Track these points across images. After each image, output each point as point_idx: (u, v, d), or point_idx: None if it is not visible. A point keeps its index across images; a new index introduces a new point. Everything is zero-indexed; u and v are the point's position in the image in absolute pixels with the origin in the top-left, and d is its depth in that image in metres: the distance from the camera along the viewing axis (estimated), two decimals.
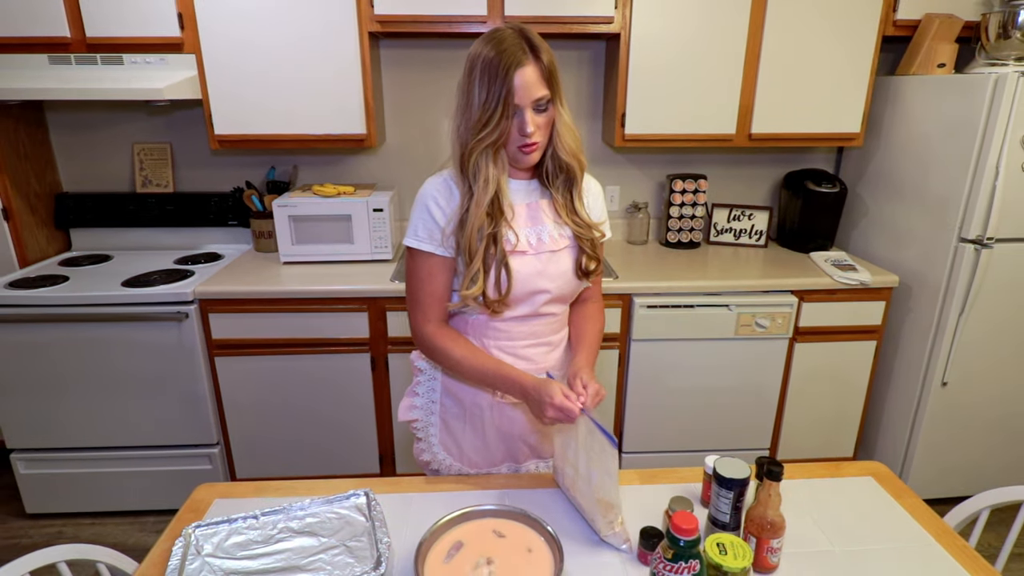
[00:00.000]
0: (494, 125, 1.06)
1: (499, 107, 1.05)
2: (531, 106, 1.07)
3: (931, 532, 1.12)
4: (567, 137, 1.15)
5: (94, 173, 2.59)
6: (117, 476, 2.28)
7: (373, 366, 2.24)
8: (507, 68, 1.03)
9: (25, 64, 2.11)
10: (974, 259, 2.06)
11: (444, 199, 1.16)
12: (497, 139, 1.08)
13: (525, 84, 1.05)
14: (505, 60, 1.04)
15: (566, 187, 1.20)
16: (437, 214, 1.15)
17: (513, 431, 1.29)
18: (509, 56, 1.04)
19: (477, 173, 1.11)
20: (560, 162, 1.17)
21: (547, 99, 1.09)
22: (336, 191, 2.35)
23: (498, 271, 1.13)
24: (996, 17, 2.12)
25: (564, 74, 2.53)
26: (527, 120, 1.07)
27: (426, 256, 1.17)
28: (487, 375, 1.16)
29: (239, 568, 0.99)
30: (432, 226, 1.16)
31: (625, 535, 1.06)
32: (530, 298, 1.18)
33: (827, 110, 2.33)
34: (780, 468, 0.97)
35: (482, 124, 1.07)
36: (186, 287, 2.11)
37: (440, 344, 1.19)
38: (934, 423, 2.27)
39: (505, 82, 1.04)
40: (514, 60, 1.04)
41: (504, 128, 1.07)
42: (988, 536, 2.16)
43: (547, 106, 1.10)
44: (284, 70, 2.18)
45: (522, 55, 1.05)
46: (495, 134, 1.07)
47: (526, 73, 1.05)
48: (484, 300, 1.14)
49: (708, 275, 2.28)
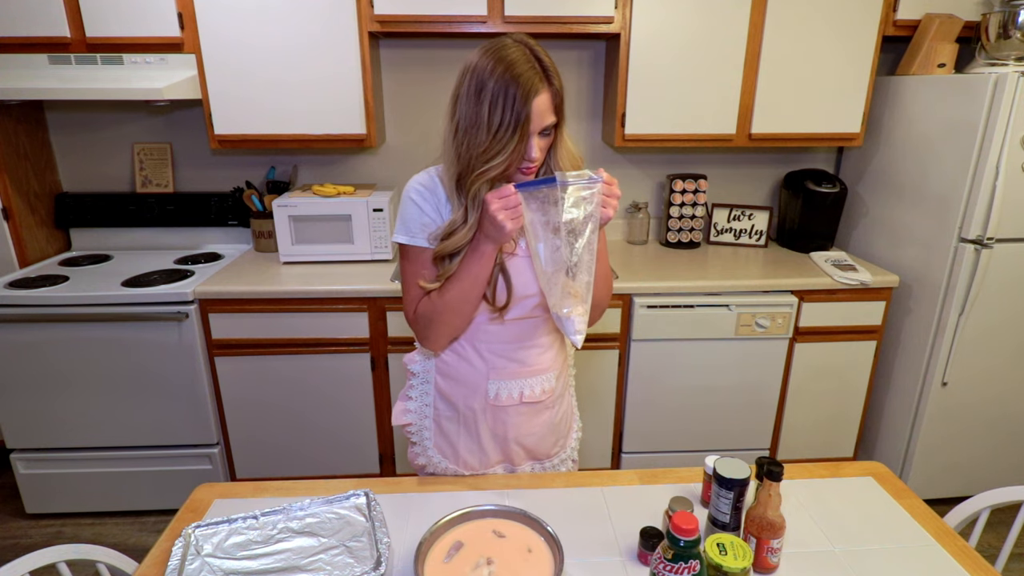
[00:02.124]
0: (507, 155, 1.02)
1: (515, 137, 1.02)
2: (538, 132, 1.05)
3: (931, 532, 1.12)
4: (565, 159, 1.13)
5: (94, 173, 2.59)
6: (117, 476, 2.28)
7: (373, 366, 2.24)
8: (526, 97, 0.99)
9: (25, 64, 2.11)
10: (974, 259, 2.06)
11: (429, 192, 1.15)
12: (506, 169, 1.06)
13: (539, 112, 1.02)
14: (524, 88, 0.99)
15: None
16: (424, 206, 1.15)
17: (507, 434, 1.27)
18: (527, 83, 0.99)
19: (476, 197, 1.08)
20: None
21: (552, 126, 1.07)
22: (336, 191, 2.35)
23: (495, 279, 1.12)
24: (996, 17, 2.12)
25: (564, 74, 2.52)
26: (532, 146, 1.05)
27: (415, 250, 1.17)
28: (464, 272, 1.10)
29: (239, 568, 0.99)
30: (418, 220, 1.15)
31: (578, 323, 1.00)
32: (520, 302, 1.17)
33: (827, 110, 2.33)
34: (780, 468, 0.97)
35: (493, 153, 1.03)
36: (186, 287, 2.11)
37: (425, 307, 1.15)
38: (934, 423, 2.27)
39: (524, 110, 0.99)
40: (532, 89, 1.00)
41: (515, 158, 1.04)
42: (988, 536, 2.16)
43: (551, 132, 1.08)
44: (284, 70, 2.18)
45: (539, 83, 1.01)
46: (504, 164, 1.04)
47: (541, 102, 1.02)
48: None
49: (708, 275, 2.28)
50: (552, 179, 0.99)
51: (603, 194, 1.05)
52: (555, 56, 1.11)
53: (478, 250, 1.08)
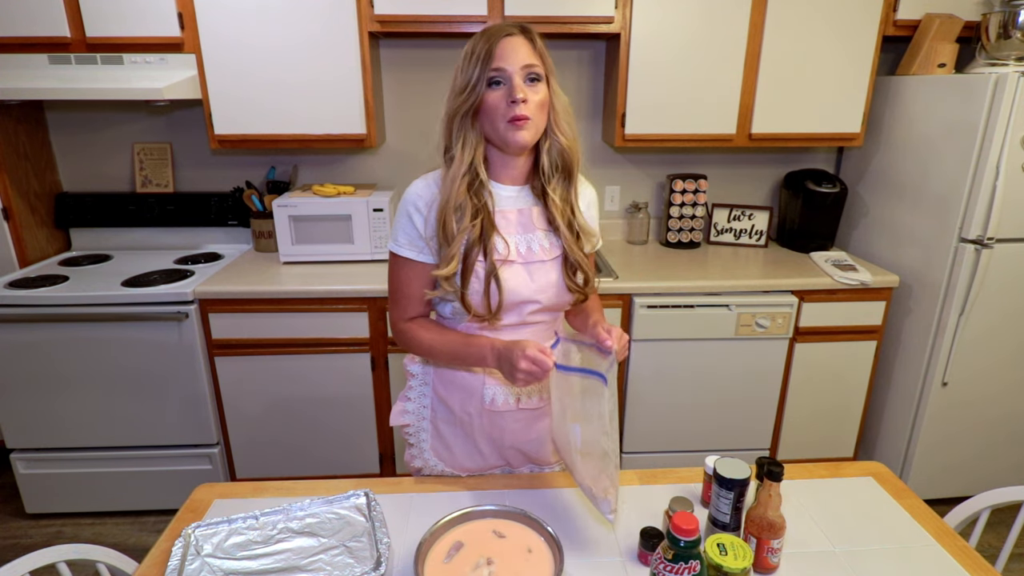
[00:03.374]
0: (474, 83, 1.05)
1: (479, 66, 1.04)
2: (520, 72, 1.04)
3: (931, 532, 1.12)
4: (565, 121, 1.11)
5: (94, 173, 2.59)
6: (117, 476, 2.28)
7: (373, 366, 2.24)
8: (491, 36, 1.04)
9: (25, 64, 2.11)
10: (974, 259, 2.06)
11: (425, 204, 1.14)
12: (474, 102, 1.06)
13: (512, 48, 1.04)
14: (491, 31, 1.05)
15: (564, 185, 1.15)
16: (417, 220, 1.14)
17: (504, 440, 1.26)
18: (496, 29, 1.05)
19: (456, 141, 1.09)
20: (559, 149, 1.12)
21: (538, 71, 1.06)
22: (336, 191, 2.35)
23: (487, 283, 1.11)
24: (996, 17, 2.12)
25: (564, 74, 2.54)
26: (516, 85, 1.04)
27: (405, 261, 1.17)
28: (458, 350, 1.14)
29: (239, 568, 0.99)
30: (412, 232, 1.15)
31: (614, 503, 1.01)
32: (518, 308, 1.15)
33: (827, 110, 2.33)
34: (780, 468, 0.97)
35: (461, 86, 1.06)
36: (186, 287, 2.11)
37: (412, 334, 1.19)
38: (934, 423, 2.27)
39: (487, 45, 1.04)
40: (500, 31, 1.05)
41: (480, 92, 1.05)
42: (988, 536, 2.16)
43: (538, 80, 1.06)
44: (284, 70, 2.17)
45: (510, 28, 1.06)
46: (472, 96, 1.05)
47: (514, 40, 1.05)
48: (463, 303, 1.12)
49: (708, 275, 2.28)
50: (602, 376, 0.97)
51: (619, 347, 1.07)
52: (555, 56, 1.11)
53: (480, 355, 1.10)
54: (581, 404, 1.03)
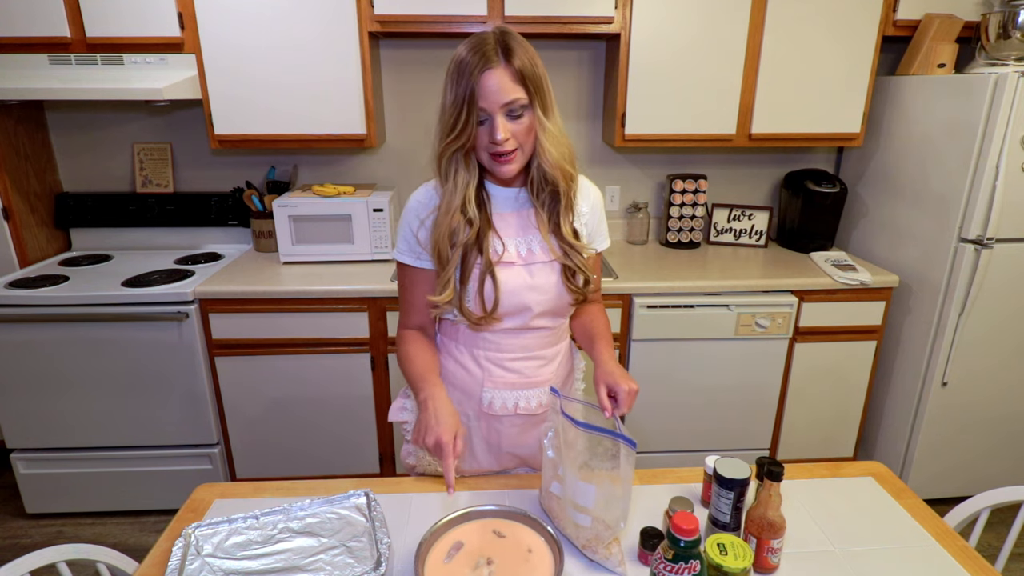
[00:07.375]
0: (460, 128, 1.03)
1: (464, 109, 1.02)
2: (502, 111, 1.02)
3: (931, 532, 1.12)
4: (551, 148, 1.08)
5: (94, 173, 2.59)
6: (117, 476, 2.28)
7: (373, 366, 2.24)
8: (472, 70, 1.00)
9: (25, 64, 2.11)
10: (974, 259, 2.06)
11: (426, 212, 1.15)
12: (464, 143, 1.05)
13: (493, 87, 1.00)
14: (473, 61, 1.00)
15: (551, 203, 1.14)
16: (417, 230, 1.15)
17: (500, 443, 1.26)
18: (478, 57, 1.00)
19: (448, 178, 1.09)
20: (544, 174, 1.11)
21: (521, 104, 1.03)
22: (336, 191, 2.35)
23: (482, 281, 1.11)
24: (996, 17, 2.12)
25: (564, 74, 2.53)
26: (497, 126, 1.02)
27: (407, 268, 1.19)
28: (411, 378, 1.15)
29: (239, 568, 0.99)
30: (412, 241, 1.17)
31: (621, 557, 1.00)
32: (519, 311, 1.15)
33: (827, 110, 2.33)
34: (780, 468, 0.97)
35: (449, 127, 1.04)
36: (186, 287, 2.11)
37: (400, 344, 1.22)
38: (934, 423, 2.27)
39: (470, 83, 1.00)
40: (482, 61, 1.00)
41: (471, 133, 1.04)
42: (988, 536, 2.16)
43: (522, 112, 1.04)
44: (284, 70, 2.17)
45: (492, 56, 1.00)
46: (462, 138, 1.04)
47: (494, 75, 1.00)
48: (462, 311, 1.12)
49: (708, 275, 2.28)
50: (632, 442, 0.95)
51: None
52: (555, 56, 1.11)
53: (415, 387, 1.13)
54: (609, 468, 1.00)
